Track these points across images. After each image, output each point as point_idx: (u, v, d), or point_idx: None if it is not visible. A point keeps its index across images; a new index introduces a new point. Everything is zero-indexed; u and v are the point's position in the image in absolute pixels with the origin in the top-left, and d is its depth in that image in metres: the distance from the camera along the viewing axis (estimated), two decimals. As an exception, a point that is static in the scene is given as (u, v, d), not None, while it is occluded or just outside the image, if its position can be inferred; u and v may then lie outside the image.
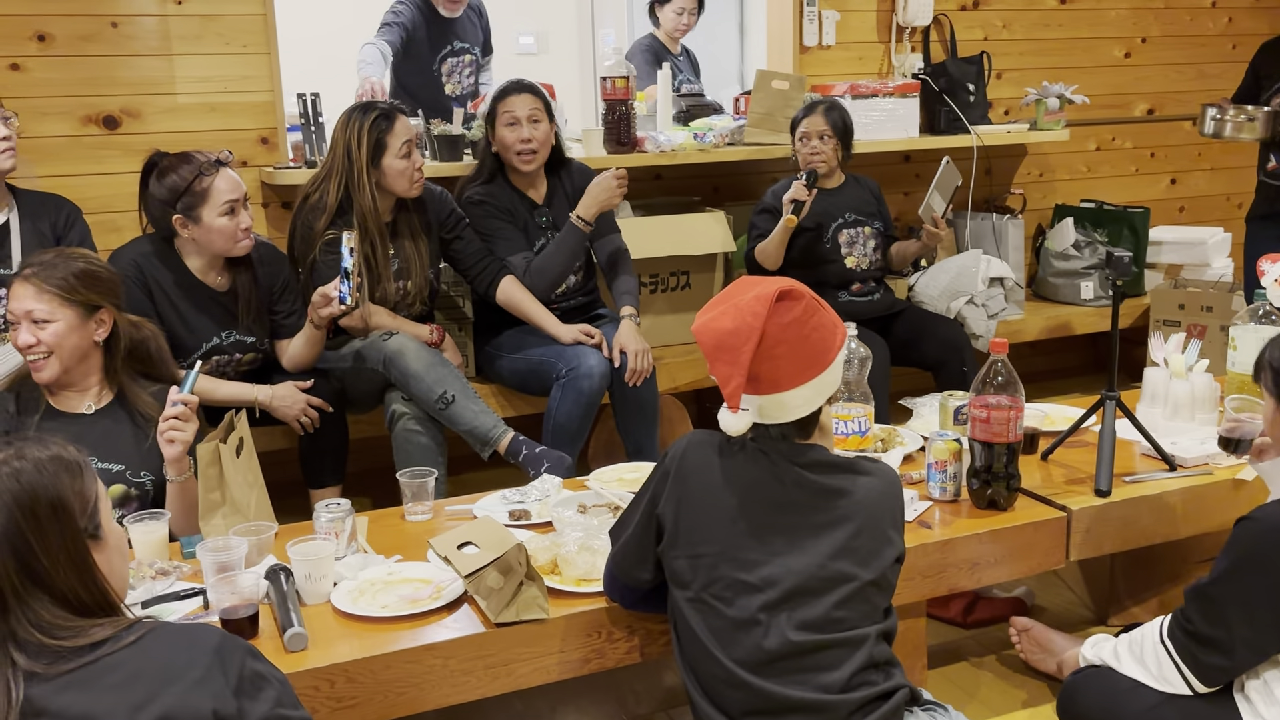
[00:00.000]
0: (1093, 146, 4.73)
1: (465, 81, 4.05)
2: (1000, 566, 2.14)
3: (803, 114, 3.50)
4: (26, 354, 2.14)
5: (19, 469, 1.24)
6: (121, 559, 1.36)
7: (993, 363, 2.14)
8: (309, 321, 2.83)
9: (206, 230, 2.66)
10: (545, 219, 3.24)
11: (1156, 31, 4.73)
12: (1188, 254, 4.42)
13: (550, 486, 2.32)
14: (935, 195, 3.47)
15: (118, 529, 1.36)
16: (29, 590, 1.21)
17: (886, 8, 4.25)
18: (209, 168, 2.64)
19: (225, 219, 2.65)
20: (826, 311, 1.65)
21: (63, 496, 1.26)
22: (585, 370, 3.03)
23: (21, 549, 1.22)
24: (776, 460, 1.64)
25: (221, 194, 2.63)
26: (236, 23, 3.38)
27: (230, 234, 2.67)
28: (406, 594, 1.87)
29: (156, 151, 2.73)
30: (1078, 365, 4.74)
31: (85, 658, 1.20)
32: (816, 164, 3.45)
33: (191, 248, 2.71)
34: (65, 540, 1.24)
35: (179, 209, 2.63)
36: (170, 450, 2.11)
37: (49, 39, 3.20)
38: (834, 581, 1.60)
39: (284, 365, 2.91)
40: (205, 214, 2.63)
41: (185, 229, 2.66)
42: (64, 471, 1.28)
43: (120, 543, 1.36)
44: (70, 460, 1.30)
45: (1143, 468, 2.36)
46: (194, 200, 2.62)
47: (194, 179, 2.61)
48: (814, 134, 3.46)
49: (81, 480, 1.29)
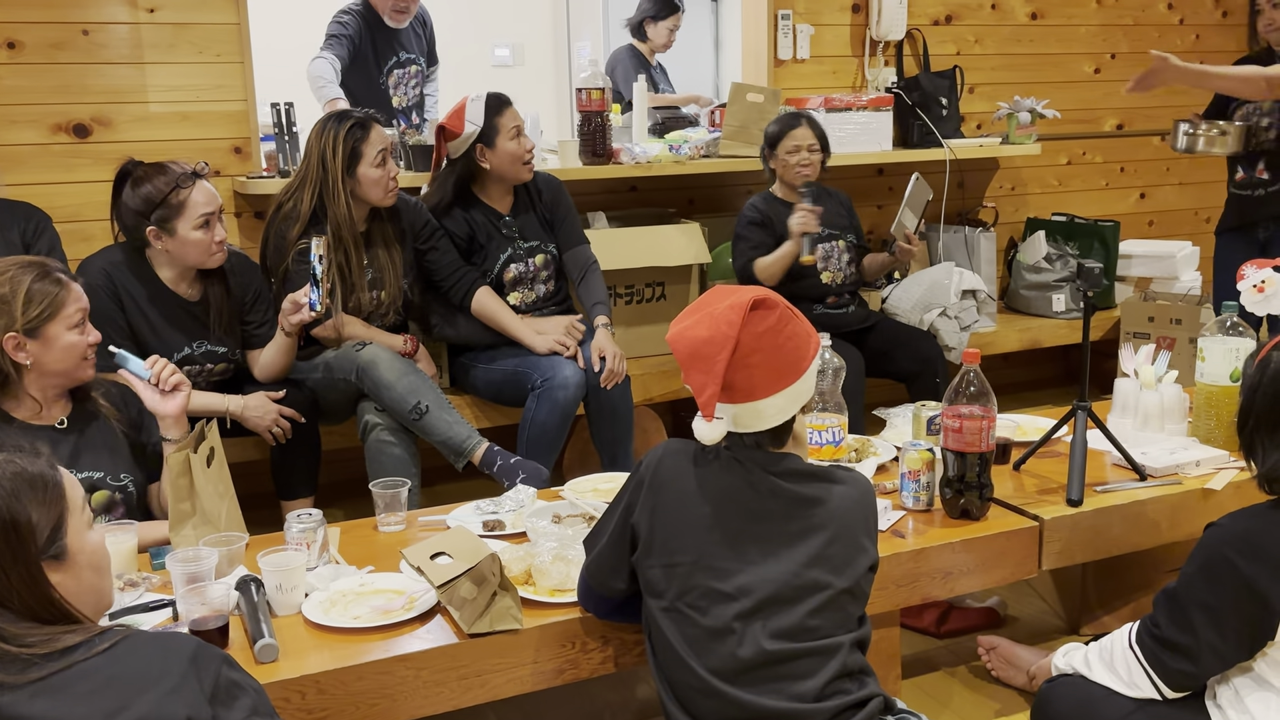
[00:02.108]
0: (1064, 161, 4.79)
1: (411, 93, 4.03)
2: (973, 576, 2.15)
3: (786, 126, 3.48)
4: None
5: None
6: (95, 573, 1.32)
7: (965, 373, 2.15)
8: (280, 329, 2.82)
9: (181, 243, 2.63)
10: (512, 229, 3.23)
11: (1125, 48, 4.79)
12: (1157, 267, 4.47)
13: (525, 497, 2.31)
14: (907, 212, 3.50)
15: (94, 543, 1.32)
16: None
17: (860, 22, 4.29)
18: (185, 180, 2.61)
19: (200, 232, 2.62)
20: (800, 321, 1.65)
21: (17, 519, 1.22)
22: (560, 381, 3.03)
23: None
24: (751, 469, 1.64)
25: (198, 207, 2.61)
26: (210, 31, 3.36)
27: (205, 247, 2.65)
28: (379, 605, 1.86)
29: (130, 160, 2.69)
30: (1049, 377, 4.79)
31: (56, 664, 1.18)
32: (807, 175, 3.46)
33: (164, 259, 2.69)
34: (18, 563, 1.21)
35: (153, 220, 2.61)
36: (175, 401, 2.17)
37: (19, 46, 3.17)
38: (808, 590, 1.60)
39: (256, 375, 2.89)
40: (180, 227, 2.61)
41: (159, 241, 2.64)
42: (27, 491, 1.24)
43: (95, 558, 1.33)
44: (36, 477, 1.26)
45: (1114, 477, 2.38)
46: (169, 213, 2.60)
47: (170, 191, 2.59)
48: (804, 146, 3.46)
49: (45, 499, 1.25)
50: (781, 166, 3.50)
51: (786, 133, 3.47)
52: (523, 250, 3.24)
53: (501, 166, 3.15)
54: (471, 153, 3.13)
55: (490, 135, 3.11)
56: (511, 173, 3.17)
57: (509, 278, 3.22)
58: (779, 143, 3.49)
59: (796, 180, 3.47)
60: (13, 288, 2.05)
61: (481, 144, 3.12)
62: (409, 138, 3.49)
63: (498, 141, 3.11)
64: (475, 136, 3.10)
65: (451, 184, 3.18)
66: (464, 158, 3.14)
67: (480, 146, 3.12)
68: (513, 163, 3.14)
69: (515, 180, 3.21)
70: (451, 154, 3.16)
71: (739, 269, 3.55)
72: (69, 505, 1.29)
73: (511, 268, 3.22)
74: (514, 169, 3.16)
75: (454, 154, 3.15)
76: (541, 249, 3.28)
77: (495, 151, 3.12)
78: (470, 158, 3.14)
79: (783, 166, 3.50)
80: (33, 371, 2.10)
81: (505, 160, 3.14)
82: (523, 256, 3.24)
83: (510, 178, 3.19)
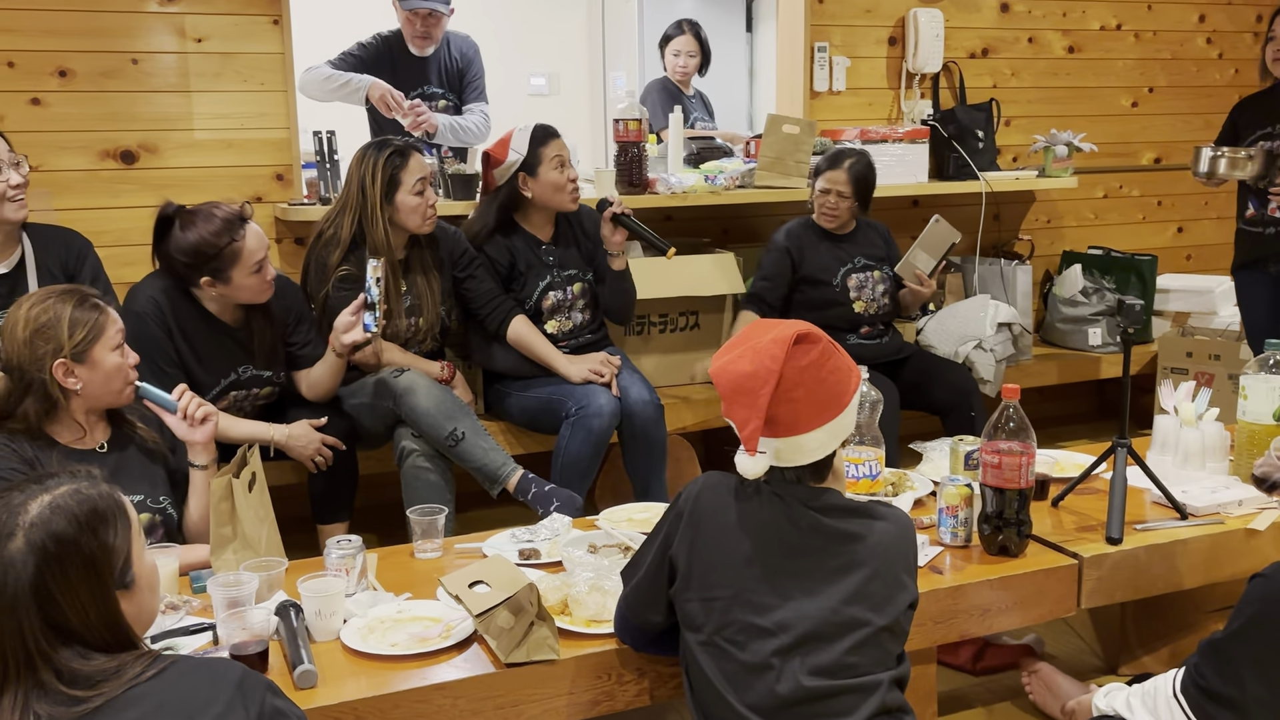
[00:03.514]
0: (1100, 194, 4.77)
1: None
2: (1011, 613, 2.13)
3: (827, 165, 3.50)
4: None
5: (49, 521, 1.20)
6: (152, 594, 1.33)
7: (1004, 408, 2.14)
8: (330, 349, 2.83)
9: (236, 289, 2.64)
10: (551, 258, 3.26)
11: (1164, 81, 4.77)
12: (1195, 302, 4.43)
13: (560, 525, 2.32)
14: (920, 253, 3.50)
15: (149, 565, 1.33)
16: (55, 646, 1.19)
17: (896, 55, 4.30)
18: (237, 229, 2.58)
19: (254, 277, 2.64)
20: (842, 355, 1.66)
21: (95, 553, 1.22)
22: (595, 409, 3.04)
23: (48, 607, 1.19)
24: (792, 504, 1.64)
25: (252, 255, 2.60)
26: (255, 61, 3.42)
27: (258, 289, 2.67)
28: (416, 632, 1.86)
29: (169, 203, 2.65)
30: (1084, 411, 4.75)
31: (107, 694, 1.19)
32: (831, 220, 3.50)
33: (211, 295, 2.69)
34: (96, 597, 1.22)
35: (207, 272, 2.60)
36: (204, 429, 2.22)
37: (70, 74, 3.24)
38: (847, 627, 1.59)
39: (304, 394, 2.91)
40: (235, 275, 2.61)
41: (213, 288, 2.64)
42: (99, 521, 1.24)
43: (151, 579, 1.33)
44: (105, 509, 1.25)
45: (1154, 516, 2.35)
46: (224, 264, 2.59)
47: (225, 245, 2.56)
48: (835, 190, 3.48)
49: (116, 530, 1.25)
50: (812, 200, 3.54)
51: (825, 171, 3.50)
52: (561, 279, 3.26)
53: (543, 195, 3.17)
54: (514, 181, 3.16)
55: (533, 165, 3.14)
56: (554, 202, 3.20)
57: (547, 305, 3.24)
58: (817, 177, 3.53)
59: (820, 220, 3.53)
60: (55, 315, 2.09)
61: (524, 173, 3.15)
62: (449, 166, 3.53)
63: (540, 171, 3.14)
64: (518, 165, 3.14)
65: (494, 211, 3.21)
66: (507, 186, 3.18)
67: (523, 175, 3.15)
68: (555, 192, 3.17)
69: (558, 209, 3.24)
70: (496, 181, 3.19)
71: (748, 295, 3.61)
72: (134, 531, 1.29)
73: (550, 295, 3.24)
74: (556, 198, 3.19)
75: (498, 181, 3.19)
76: (579, 278, 3.30)
77: (538, 180, 3.15)
78: (513, 186, 3.17)
79: (814, 202, 3.53)
80: (81, 396, 2.13)
81: (547, 189, 3.16)
82: (561, 285, 3.26)
83: (553, 206, 3.22)
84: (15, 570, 1.19)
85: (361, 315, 2.74)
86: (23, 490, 1.25)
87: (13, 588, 1.18)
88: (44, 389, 2.09)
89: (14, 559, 1.19)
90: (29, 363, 2.08)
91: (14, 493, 1.25)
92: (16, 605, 1.18)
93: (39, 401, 2.10)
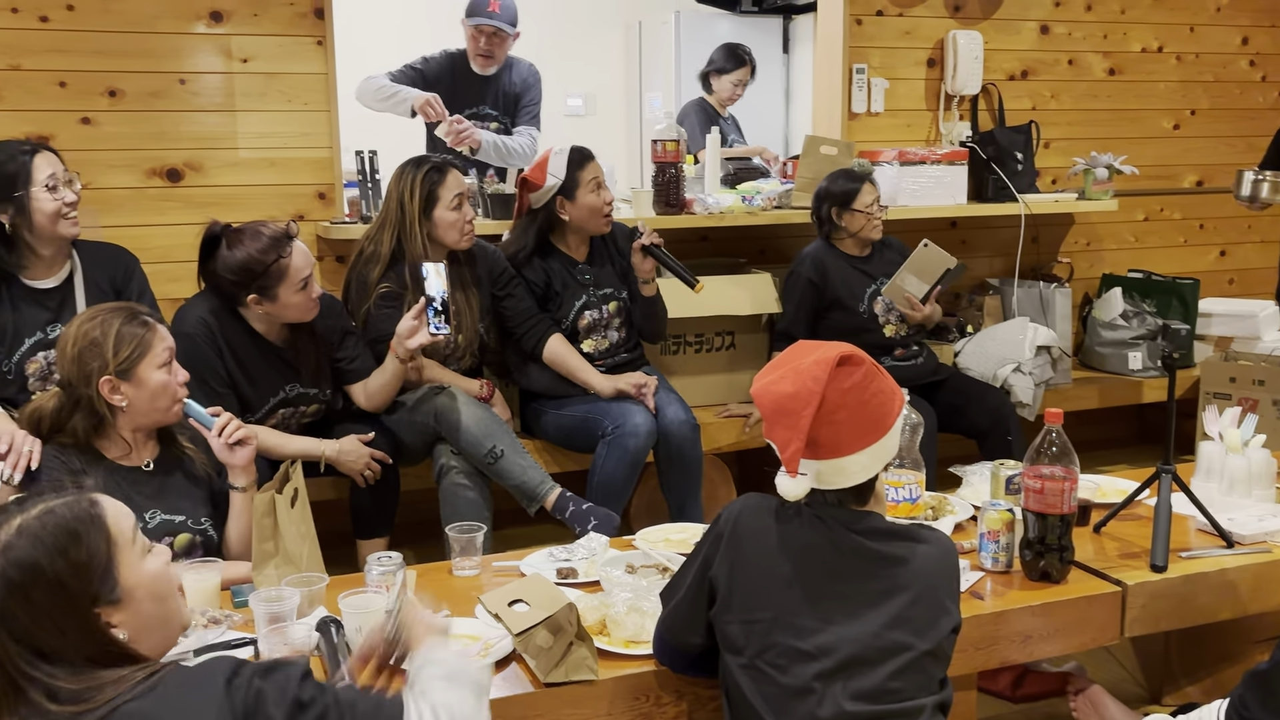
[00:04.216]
0: (1141, 217, 4.72)
1: None
2: (1053, 640, 2.11)
3: (856, 180, 3.49)
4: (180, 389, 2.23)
5: (11, 545, 1.19)
6: (157, 603, 1.30)
7: (1047, 433, 2.12)
8: (391, 355, 2.83)
9: (283, 306, 2.67)
10: (587, 277, 3.27)
11: (1206, 104, 4.73)
12: (1238, 326, 4.38)
13: (597, 545, 2.32)
14: (909, 277, 3.46)
15: (151, 573, 1.30)
16: (37, 666, 1.18)
17: (935, 76, 4.29)
18: (284, 246, 2.61)
19: (301, 294, 2.66)
20: (885, 377, 1.65)
21: (61, 575, 1.20)
22: (631, 428, 3.04)
23: (20, 632, 1.18)
24: (833, 527, 1.63)
25: (299, 272, 2.63)
26: (299, 81, 3.47)
27: (305, 307, 2.70)
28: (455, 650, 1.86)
29: (215, 222, 2.68)
30: (1123, 435, 4.69)
31: (100, 711, 1.17)
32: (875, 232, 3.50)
33: (259, 316, 2.72)
34: (71, 617, 1.20)
35: (254, 289, 2.63)
36: (242, 453, 2.22)
37: (120, 94, 3.30)
38: (890, 651, 1.58)
39: (362, 405, 2.92)
40: (283, 292, 2.64)
41: (260, 306, 2.66)
42: (68, 541, 1.22)
43: (155, 587, 1.30)
44: (74, 526, 1.23)
45: (1198, 543, 2.32)
46: (270, 281, 2.62)
47: (272, 262, 2.59)
48: (874, 199, 3.49)
49: (89, 546, 1.23)
50: (858, 223, 3.50)
51: (859, 188, 3.48)
52: (597, 298, 3.27)
53: (580, 218, 3.19)
54: (552, 204, 3.18)
55: (571, 188, 3.16)
56: (590, 224, 3.21)
57: (583, 324, 3.25)
58: (854, 199, 3.49)
59: (875, 235, 3.49)
60: (103, 331, 2.12)
61: (562, 196, 3.17)
62: (489, 186, 3.56)
63: (578, 194, 3.16)
64: (556, 189, 3.16)
65: (533, 234, 3.23)
66: (544, 208, 3.20)
67: (560, 198, 3.17)
68: (591, 215, 3.19)
69: (593, 232, 3.26)
70: (533, 204, 3.21)
71: (778, 331, 3.60)
72: (117, 543, 1.27)
73: (586, 314, 3.25)
74: (592, 221, 3.20)
75: (535, 204, 3.21)
76: (615, 296, 3.31)
77: (575, 204, 3.17)
78: (550, 209, 3.19)
79: (859, 223, 3.50)
80: (127, 413, 2.16)
81: (584, 212, 3.18)
82: (597, 304, 3.27)
83: (589, 229, 3.24)
84: None
85: (424, 319, 2.75)
86: (5, 513, 1.25)
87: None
88: (91, 405, 2.13)
89: None
90: (77, 378, 2.12)
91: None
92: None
93: (87, 417, 2.14)
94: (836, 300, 3.52)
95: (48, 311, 2.68)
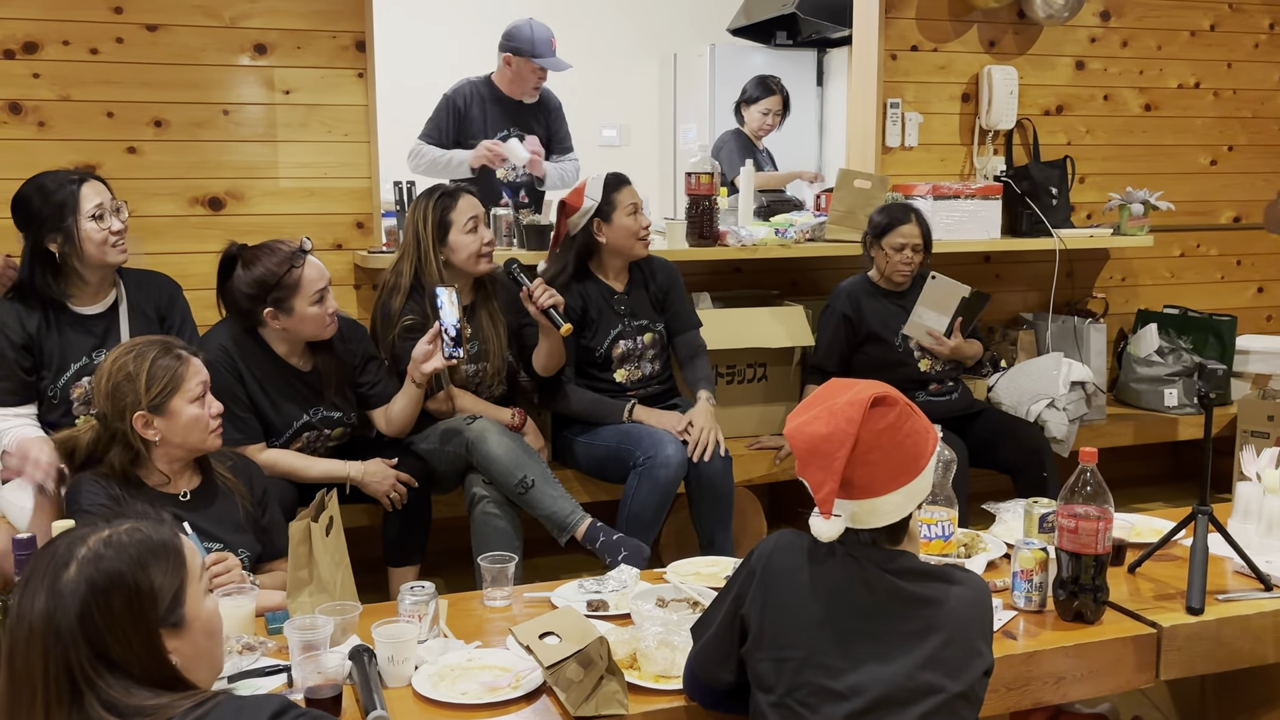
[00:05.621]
0: (1177, 253, 4.69)
1: (518, 169, 4.09)
2: (1086, 682, 2.09)
3: (896, 219, 3.48)
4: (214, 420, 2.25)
5: (101, 554, 1.25)
6: (209, 639, 1.35)
7: (1081, 472, 2.11)
8: (409, 380, 2.87)
9: (298, 319, 2.72)
10: (623, 307, 3.30)
11: (1244, 140, 4.71)
12: (1277, 364, 4.33)
13: (628, 577, 2.32)
14: (926, 312, 3.46)
15: (209, 610, 1.36)
16: (101, 674, 1.22)
17: (969, 111, 4.30)
18: (297, 259, 2.69)
19: (315, 307, 2.71)
20: (919, 416, 1.65)
21: (140, 587, 1.25)
22: (662, 459, 3.05)
23: (94, 636, 1.23)
24: (867, 566, 1.63)
25: (312, 284, 2.69)
26: (340, 112, 3.53)
27: (320, 321, 2.74)
28: (486, 681, 1.87)
29: (233, 244, 2.77)
30: (1158, 473, 4.64)
31: None
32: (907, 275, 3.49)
33: (278, 335, 2.76)
34: (140, 630, 1.25)
35: (269, 302, 2.69)
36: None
37: (165, 124, 3.37)
38: (921, 693, 1.57)
39: (383, 430, 2.96)
40: (297, 304, 2.69)
41: (275, 320, 2.71)
42: (152, 559, 1.27)
43: (210, 624, 1.35)
44: (160, 545, 1.29)
45: (1235, 586, 2.29)
46: (284, 293, 2.68)
47: (285, 272, 2.66)
48: (910, 244, 3.47)
49: (168, 568, 1.28)
50: (884, 260, 3.51)
51: (896, 227, 3.47)
52: (632, 328, 3.29)
53: (617, 241, 3.22)
54: (590, 228, 3.21)
55: (607, 211, 3.19)
56: (627, 248, 3.24)
57: (617, 353, 3.27)
58: (886, 234, 3.49)
59: (897, 277, 3.49)
60: (137, 366, 2.17)
61: (599, 219, 3.20)
62: (524, 218, 3.60)
63: (614, 217, 3.19)
64: (593, 211, 3.19)
65: (572, 258, 3.26)
66: (582, 233, 3.23)
67: (597, 221, 3.20)
68: (628, 238, 3.22)
69: (630, 256, 3.28)
70: (571, 229, 3.25)
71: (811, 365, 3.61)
72: (189, 573, 1.32)
73: (620, 344, 3.27)
74: (629, 244, 3.23)
75: (573, 229, 3.24)
76: (650, 328, 3.33)
77: (612, 226, 3.20)
78: (588, 232, 3.22)
79: (885, 260, 3.50)
80: (161, 446, 2.20)
81: (621, 235, 3.21)
82: (631, 334, 3.29)
83: (625, 253, 3.26)
84: (64, 600, 1.23)
85: (439, 343, 2.78)
86: (92, 525, 1.30)
87: (62, 616, 1.23)
88: (126, 439, 2.17)
89: (65, 588, 1.24)
90: (112, 413, 2.17)
91: (84, 526, 1.31)
92: (65, 633, 1.22)
93: (123, 450, 2.19)
94: (871, 334, 3.53)
95: (93, 337, 2.73)
